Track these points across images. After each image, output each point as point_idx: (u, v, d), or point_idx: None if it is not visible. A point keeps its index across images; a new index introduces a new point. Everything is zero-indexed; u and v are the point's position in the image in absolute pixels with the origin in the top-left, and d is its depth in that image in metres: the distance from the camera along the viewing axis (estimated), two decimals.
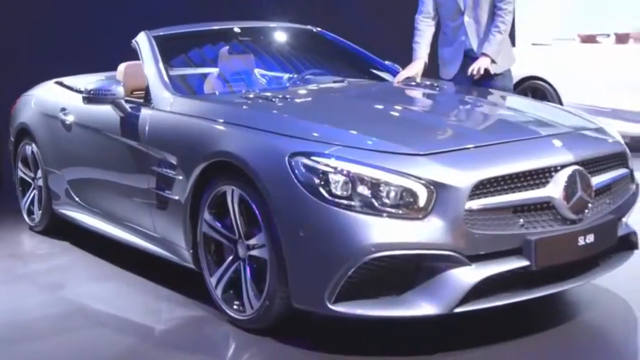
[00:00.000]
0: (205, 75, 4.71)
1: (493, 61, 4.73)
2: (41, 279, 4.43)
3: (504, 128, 3.54)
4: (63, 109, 4.83)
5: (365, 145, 3.14)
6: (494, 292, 3.08)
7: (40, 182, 5.17)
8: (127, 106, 4.17)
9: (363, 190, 2.99)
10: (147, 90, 4.15)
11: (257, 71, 5.14)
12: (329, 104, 3.93)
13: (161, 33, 4.60)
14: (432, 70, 5.15)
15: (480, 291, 3.04)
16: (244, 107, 3.80)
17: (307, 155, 3.10)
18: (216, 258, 3.56)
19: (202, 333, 3.49)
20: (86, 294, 4.09)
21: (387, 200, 2.98)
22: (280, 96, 3.93)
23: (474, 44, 4.89)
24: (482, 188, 3.01)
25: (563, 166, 3.17)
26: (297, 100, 3.97)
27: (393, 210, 2.98)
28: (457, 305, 2.98)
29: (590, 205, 3.22)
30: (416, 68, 4.74)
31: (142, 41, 4.47)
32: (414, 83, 4.51)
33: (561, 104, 7.79)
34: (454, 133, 3.36)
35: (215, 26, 4.96)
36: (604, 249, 3.34)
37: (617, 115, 7.39)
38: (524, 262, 3.07)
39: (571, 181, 3.15)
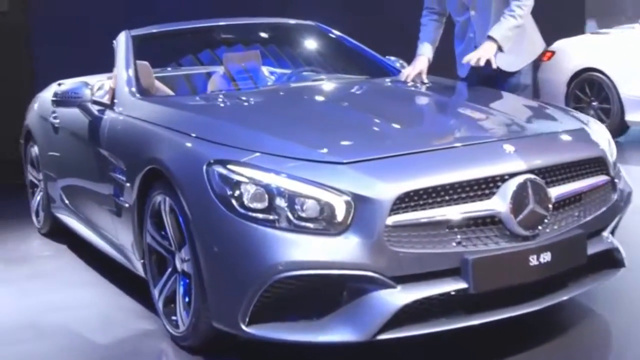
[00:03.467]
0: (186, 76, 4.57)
1: (500, 49, 4.24)
2: (19, 284, 4.36)
3: (453, 132, 3.17)
4: (53, 112, 4.77)
5: (287, 153, 2.86)
6: (432, 317, 2.76)
7: (42, 185, 5.15)
8: (94, 109, 4.04)
9: (279, 202, 2.72)
10: (113, 92, 4.01)
11: (266, 69, 4.97)
12: (280, 106, 3.66)
13: (141, 32, 4.46)
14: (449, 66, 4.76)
15: (414, 315, 2.73)
16: (186, 111, 3.59)
17: (224, 163, 2.85)
18: (159, 269, 3.38)
19: (138, 348, 3.32)
20: (52, 303, 3.98)
21: (302, 214, 2.71)
22: (242, 97, 3.72)
23: (483, 42, 4.44)
24: (409, 201, 2.68)
25: (512, 175, 2.80)
26: (249, 102, 3.72)
27: (307, 225, 2.70)
28: (380, 332, 2.67)
29: (546, 219, 2.84)
30: (419, 65, 4.32)
31: (120, 41, 4.34)
32: (402, 81, 4.16)
33: (619, 97, 7.21)
34: (392, 138, 3.02)
35: (202, 24, 4.77)
36: (568, 269, 2.94)
37: None
38: (461, 285, 2.72)
39: (520, 192, 2.77)
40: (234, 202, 2.77)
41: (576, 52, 7.69)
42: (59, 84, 5.17)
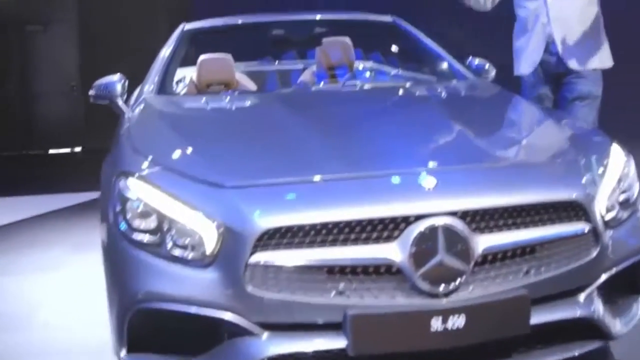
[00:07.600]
0: None
1: None
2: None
3: (377, 156, 2.60)
4: None
5: (186, 170, 2.56)
6: None
7: None
8: (122, 106, 3.95)
9: (158, 223, 2.45)
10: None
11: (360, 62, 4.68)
12: (254, 116, 3.33)
13: (197, 26, 4.35)
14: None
15: None
16: (156, 115, 3.36)
17: (126, 176, 2.63)
18: None
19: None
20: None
21: (177, 241, 2.42)
22: (236, 102, 3.49)
23: (558, 33, 3.80)
24: (280, 237, 2.28)
25: (422, 216, 2.28)
26: (231, 109, 3.43)
27: (178, 253, 2.40)
28: None
29: (464, 275, 2.28)
30: None
31: (173, 35, 4.28)
32: (445, 87, 3.65)
33: None
34: (314, 162, 2.54)
35: (267, 18, 4.55)
36: (497, 338, 2.34)
37: None
38: (338, 343, 2.28)
39: (426, 238, 2.25)
40: (120, 219, 2.55)
41: None
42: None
